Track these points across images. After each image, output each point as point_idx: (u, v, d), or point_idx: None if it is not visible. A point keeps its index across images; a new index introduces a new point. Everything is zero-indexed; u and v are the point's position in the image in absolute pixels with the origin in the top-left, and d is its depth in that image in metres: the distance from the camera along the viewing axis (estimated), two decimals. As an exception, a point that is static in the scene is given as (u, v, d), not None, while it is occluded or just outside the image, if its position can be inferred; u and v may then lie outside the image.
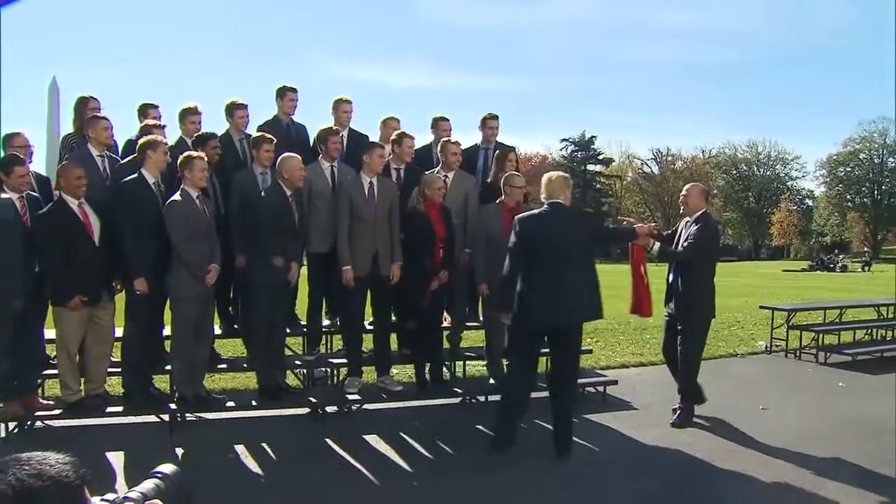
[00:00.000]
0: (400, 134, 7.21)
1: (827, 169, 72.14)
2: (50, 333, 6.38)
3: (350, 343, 7.04)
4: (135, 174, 6.08)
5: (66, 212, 5.90)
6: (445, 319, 7.50)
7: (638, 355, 10.00)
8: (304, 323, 7.51)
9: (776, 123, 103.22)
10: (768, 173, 77.70)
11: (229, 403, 6.64)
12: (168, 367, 6.51)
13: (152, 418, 6.35)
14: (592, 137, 74.55)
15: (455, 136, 7.69)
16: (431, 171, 7.11)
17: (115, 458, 5.53)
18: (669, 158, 76.49)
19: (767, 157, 77.65)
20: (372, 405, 7.03)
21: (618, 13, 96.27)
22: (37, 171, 6.62)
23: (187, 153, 6.15)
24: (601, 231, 6.41)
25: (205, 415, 6.64)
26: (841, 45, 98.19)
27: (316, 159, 7.00)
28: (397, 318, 7.46)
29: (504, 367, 7.18)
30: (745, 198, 76.88)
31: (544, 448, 5.81)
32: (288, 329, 7.10)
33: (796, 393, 8.22)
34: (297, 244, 6.53)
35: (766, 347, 10.85)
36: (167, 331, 6.54)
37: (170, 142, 6.65)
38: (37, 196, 6.14)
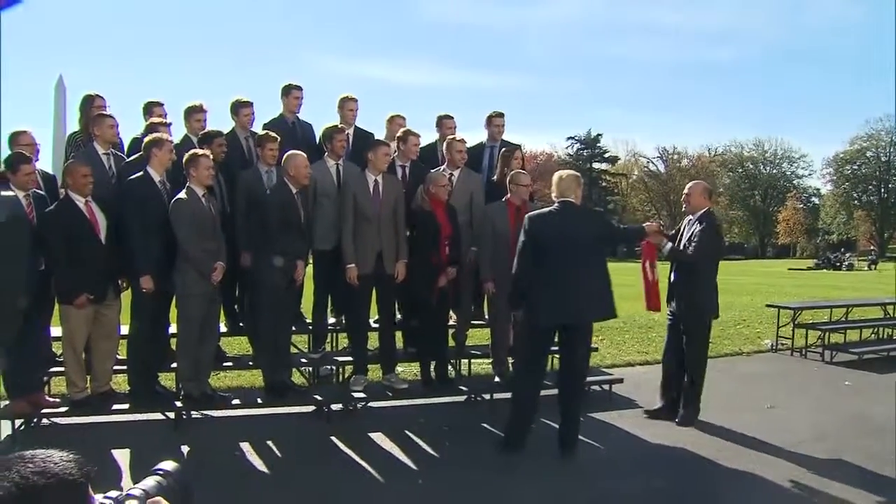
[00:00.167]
0: (405, 131, 7.21)
1: (833, 167, 71.92)
2: (56, 331, 6.40)
3: (355, 341, 7.04)
4: (140, 172, 6.09)
5: (73, 210, 5.91)
6: (451, 318, 7.50)
7: (644, 353, 9.99)
8: (309, 321, 7.52)
9: (783, 121, 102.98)
10: (774, 171, 77.49)
11: (235, 401, 6.65)
12: (174, 365, 6.53)
13: (158, 416, 6.36)
14: (598, 135, 74.44)
15: (460, 134, 7.68)
16: (437, 168, 7.11)
17: (120, 456, 5.54)
18: (675, 157, 76.30)
19: (774, 155, 77.48)
20: (377, 403, 7.02)
21: (624, 11, 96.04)
22: (43, 169, 6.63)
23: (193, 151, 6.15)
24: (612, 230, 6.40)
25: (210, 412, 6.65)
26: (848, 43, 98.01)
27: (322, 157, 7.01)
28: (402, 316, 7.46)
29: (510, 365, 7.19)
30: (751, 196, 76.68)
31: (549, 446, 5.79)
32: (293, 327, 7.11)
33: (802, 392, 8.20)
34: (303, 242, 6.53)
35: (771, 346, 10.82)
36: (173, 328, 6.56)
37: (175, 140, 6.66)
38: (43, 194, 6.16)
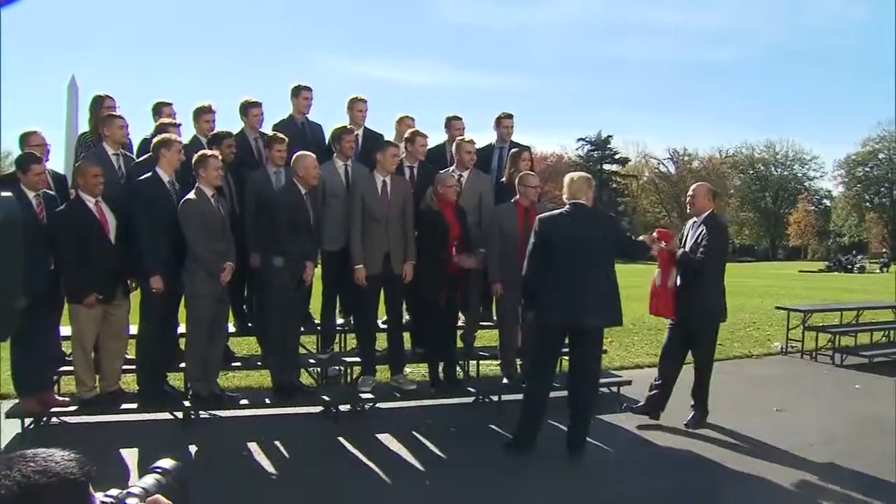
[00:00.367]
0: (413, 132, 7.22)
1: (845, 169, 71.45)
2: (66, 331, 6.43)
3: (363, 342, 7.05)
4: (149, 173, 6.12)
5: (83, 210, 5.95)
6: (459, 319, 7.50)
7: (653, 356, 9.90)
8: (317, 321, 7.53)
9: (794, 123, 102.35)
10: (786, 173, 77.04)
11: (243, 401, 6.68)
12: (182, 365, 6.55)
13: (166, 415, 6.38)
14: (609, 137, 74.15)
15: (469, 135, 7.68)
16: (446, 169, 7.12)
17: (128, 455, 5.56)
18: (686, 158, 76.01)
19: (785, 156, 76.99)
20: (385, 404, 7.02)
21: (633, 11, 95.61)
22: (54, 169, 6.66)
23: (202, 152, 6.17)
24: (621, 237, 6.36)
25: (218, 412, 6.66)
26: (860, 45, 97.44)
27: (331, 158, 7.02)
28: (411, 316, 7.47)
29: (518, 367, 7.19)
30: (762, 198, 76.26)
31: (557, 447, 5.78)
32: (302, 327, 7.12)
33: (812, 395, 8.16)
34: (312, 243, 6.54)
35: (781, 348, 10.78)
36: (182, 328, 6.57)
37: (184, 140, 6.68)
38: (53, 194, 6.20)
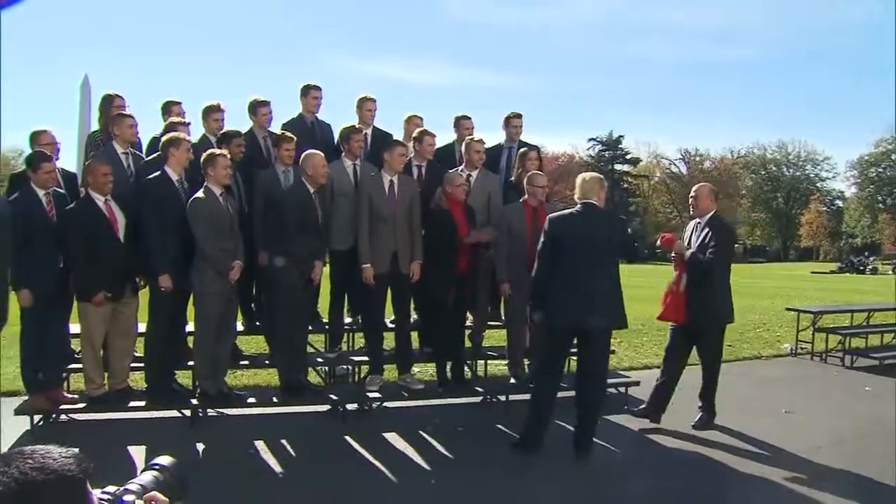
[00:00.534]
0: (421, 131, 7.22)
1: (858, 170, 71.03)
2: (75, 328, 6.46)
3: (371, 341, 7.06)
4: (158, 172, 6.14)
5: (92, 208, 5.97)
6: (468, 318, 7.50)
7: (661, 356, 9.89)
8: (325, 320, 7.55)
9: (805, 123, 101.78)
10: (798, 174, 76.67)
11: (250, 400, 6.70)
12: (191, 363, 6.57)
13: (174, 413, 6.40)
14: (620, 137, 73.99)
15: (478, 134, 7.68)
16: (454, 169, 7.12)
17: (136, 452, 5.58)
18: (697, 159, 75.77)
19: (797, 157, 76.60)
20: (392, 403, 7.02)
21: (645, 11, 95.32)
22: (64, 167, 6.69)
23: (210, 151, 6.19)
24: (626, 241, 6.32)
25: (226, 410, 6.67)
26: (875, 44, 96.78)
27: (339, 157, 7.03)
28: (419, 316, 7.47)
29: (526, 367, 7.18)
30: (773, 198, 75.93)
31: (564, 447, 5.78)
32: (310, 326, 7.13)
33: (821, 397, 8.13)
34: (320, 242, 6.54)
35: (791, 350, 10.74)
36: (190, 327, 6.60)
37: (194, 139, 6.71)
38: (63, 192, 6.23)
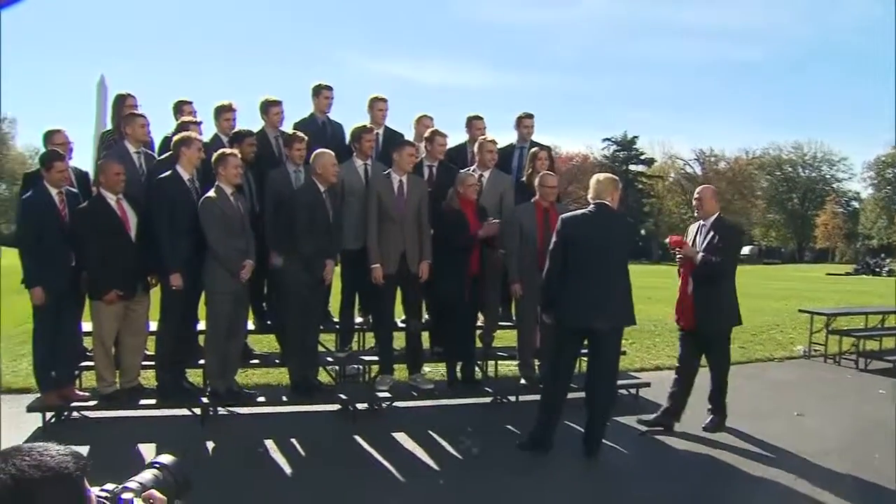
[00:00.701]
0: (432, 132, 7.23)
1: (875, 170, 70.44)
2: (87, 326, 6.50)
3: (380, 340, 7.06)
4: (169, 171, 6.17)
5: (105, 207, 6.01)
6: (479, 319, 7.49)
7: (674, 357, 9.77)
8: (336, 320, 7.56)
9: (822, 124, 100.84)
10: (814, 174, 76.12)
11: (260, 398, 6.72)
12: (201, 362, 6.60)
13: (184, 411, 6.44)
14: (634, 137, 73.61)
15: (491, 134, 7.68)
16: (466, 169, 7.12)
17: (146, 450, 5.61)
18: (712, 159, 75.40)
19: (813, 158, 76.04)
20: (402, 403, 7.02)
21: (659, 10, 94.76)
22: (77, 166, 6.74)
23: (221, 150, 6.22)
24: (631, 245, 6.27)
25: (236, 409, 6.69)
26: (891, 45, 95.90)
27: (351, 157, 7.04)
28: (430, 316, 7.47)
29: (536, 367, 7.17)
30: (789, 199, 75.44)
31: (573, 448, 5.78)
32: (321, 326, 7.14)
33: (834, 399, 8.07)
34: (331, 242, 6.54)
35: (804, 352, 10.66)
36: (201, 325, 6.63)
37: (206, 139, 6.73)
38: (76, 191, 6.27)
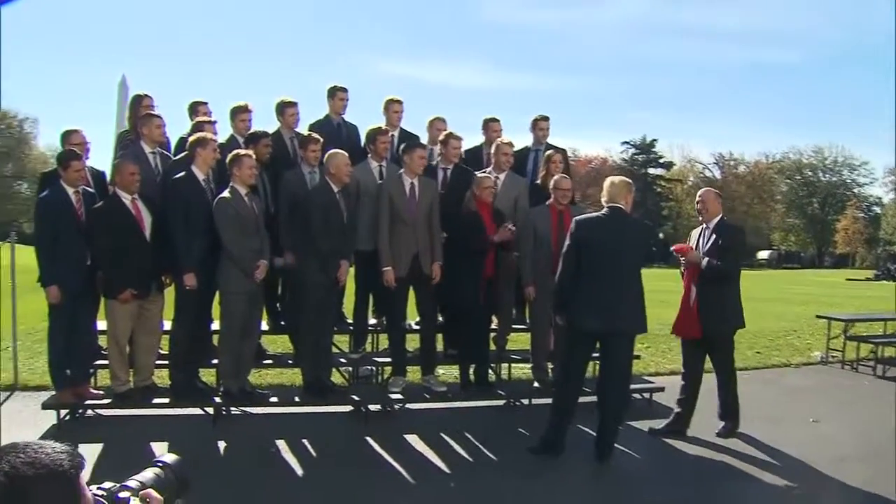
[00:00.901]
0: (447, 135, 7.23)
1: (896, 175, 69.90)
2: (102, 325, 6.54)
3: (393, 342, 7.06)
4: (184, 171, 6.20)
5: (120, 207, 6.05)
6: (493, 321, 7.48)
7: (688, 362, 9.81)
8: (350, 321, 7.57)
9: (844, 128, 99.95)
10: (834, 179, 75.52)
11: (273, 399, 6.74)
12: (215, 361, 6.63)
13: (197, 411, 6.47)
14: (653, 141, 73.50)
15: (507, 136, 7.67)
16: (483, 171, 7.12)
17: (159, 449, 5.63)
18: (732, 163, 75.03)
19: (834, 162, 75.47)
20: (415, 405, 7.03)
21: (681, 12, 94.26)
22: (94, 166, 6.78)
23: (236, 151, 6.25)
24: (647, 249, 6.20)
25: (249, 409, 6.71)
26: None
27: (366, 159, 7.06)
28: (444, 318, 7.47)
29: (550, 371, 7.15)
30: (809, 204, 74.93)
31: (585, 452, 5.76)
32: (335, 327, 7.16)
33: (850, 406, 7.98)
34: (345, 242, 6.54)
35: (821, 358, 10.56)
36: (215, 325, 6.66)
37: (221, 139, 6.77)
38: (92, 191, 6.32)
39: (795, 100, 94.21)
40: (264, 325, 7.13)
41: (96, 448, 5.53)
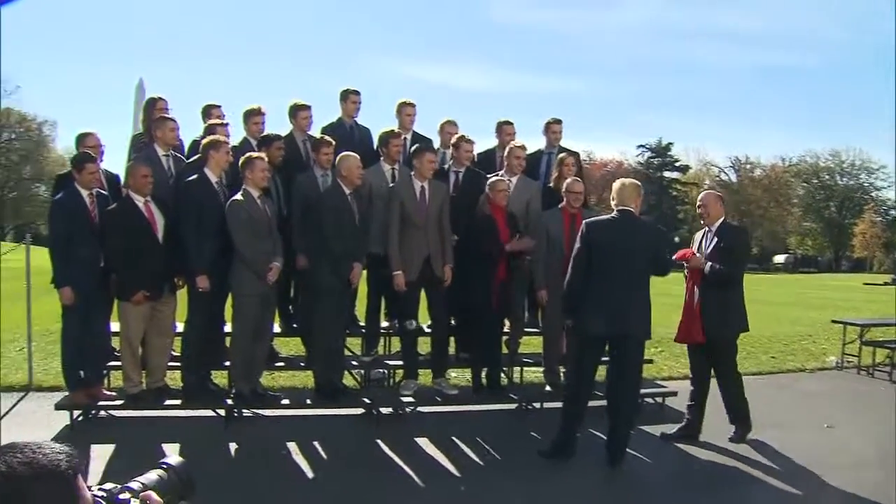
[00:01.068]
0: (459, 138, 7.23)
1: (915, 179, 69.29)
2: (115, 327, 6.58)
3: (405, 345, 7.06)
4: (197, 174, 6.23)
5: (133, 209, 6.09)
6: (505, 324, 7.46)
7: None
8: (362, 324, 7.58)
9: (862, 131, 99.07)
10: (851, 183, 74.80)
11: (284, 401, 6.75)
12: (227, 363, 6.65)
13: (209, 412, 6.50)
14: (669, 144, 73.06)
15: (521, 139, 7.65)
16: (495, 174, 7.11)
17: (170, 451, 5.64)
18: (748, 167, 74.58)
19: (851, 165, 74.79)
20: (426, 408, 7.02)
21: (696, 15, 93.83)
22: (108, 169, 6.83)
23: (248, 154, 6.27)
24: (659, 254, 6.09)
25: (260, 411, 6.74)
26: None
27: (379, 161, 7.07)
28: (456, 321, 7.46)
29: (562, 375, 7.13)
30: (826, 207, 74.31)
31: (596, 456, 5.73)
32: (347, 329, 7.17)
33: (865, 412, 7.90)
34: (357, 245, 6.54)
35: (837, 363, 10.47)
36: (228, 327, 6.67)
37: (234, 142, 6.80)
38: (105, 193, 6.36)
39: (812, 103, 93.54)
40: (277, 328, 7.14)
41: (108, 449, 5.57)
